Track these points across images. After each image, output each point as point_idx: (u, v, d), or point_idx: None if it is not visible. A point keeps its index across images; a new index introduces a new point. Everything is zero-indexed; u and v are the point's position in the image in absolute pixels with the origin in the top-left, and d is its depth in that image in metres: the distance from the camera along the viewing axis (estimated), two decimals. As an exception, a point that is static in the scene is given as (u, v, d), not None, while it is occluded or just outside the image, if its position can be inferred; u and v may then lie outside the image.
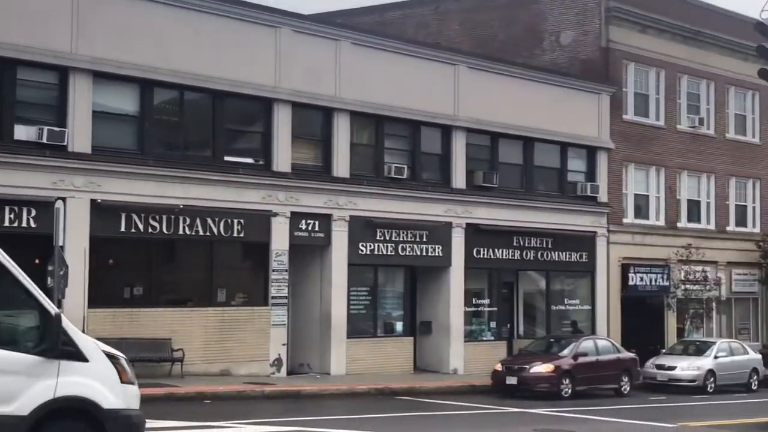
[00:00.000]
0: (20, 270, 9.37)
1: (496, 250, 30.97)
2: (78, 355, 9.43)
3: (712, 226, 38.01)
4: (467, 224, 30.00)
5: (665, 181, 36.28)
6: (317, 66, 26.56)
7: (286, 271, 25.73)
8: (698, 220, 37.70)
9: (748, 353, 31.62)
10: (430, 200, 29.20)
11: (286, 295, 25.82)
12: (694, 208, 37.69)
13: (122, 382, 9.78)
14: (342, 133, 27.16)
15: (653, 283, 34.71)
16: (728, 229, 38.67)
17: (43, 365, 9.17)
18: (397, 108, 28.35)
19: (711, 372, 29.61)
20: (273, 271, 25.46)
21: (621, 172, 34.85)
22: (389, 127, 28.64)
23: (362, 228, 27.47)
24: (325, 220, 26.83)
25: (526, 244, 31.77)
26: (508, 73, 31.85)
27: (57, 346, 9.20)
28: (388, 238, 28.20)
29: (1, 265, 9.26)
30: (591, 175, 33.93)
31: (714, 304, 35.42)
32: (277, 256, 25.52)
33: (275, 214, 25.54)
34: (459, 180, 29.97)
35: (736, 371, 30.68)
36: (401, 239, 28.50)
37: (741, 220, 39.46)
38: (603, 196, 33.88)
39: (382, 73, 28.19)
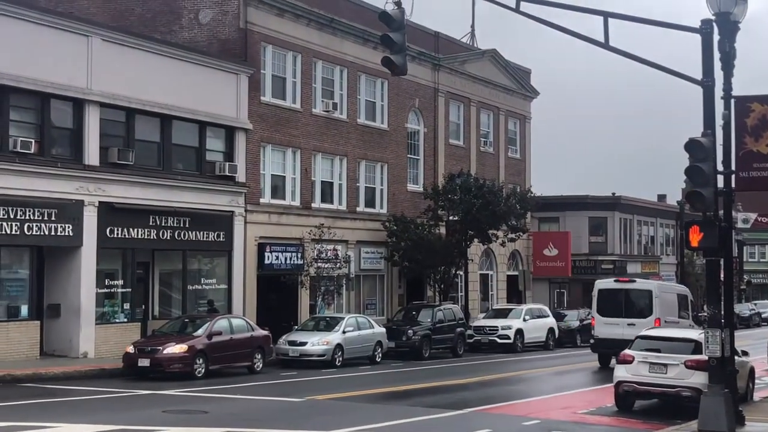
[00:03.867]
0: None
1: (131, 229, 30.20)
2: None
3: (343, 207, 39.74)
4: (100, 202, 28.98)
5: (301, 163, 37.35)
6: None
7: None
8: (331, 201, 39.24)
9: (373, 327, 33.41)
10: (60, 177, 27.86)
11: None
12: (327, 189, 39.18)
13: None
14: (-40, 103, 25.11)
15: (288, 261, 35.67)
16: (358, 209, 40.64)
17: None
18: (24, 78, 26.74)
19: (339, 346, 30.93)
20: None
21: (259, 152, 35.38)
22: (15, 99, 26.95)
23: (-17, 205, 25.60)
24: (-60, 196, 24.68)
25: (163, 224, 31.29)
26: (146, 48, 31.11)
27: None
28: (12, 216, 26.51)
29: (687, 296, 33.47)
30: (229, 155, 34.12)
31: (344, 281, 37.10)
32: None
33: None
34: (92, 156, 28.85)
35: (362, 345, 32.29)
36: (27, 217, 26.92)
37: (370, 202, 41.64)
38: (241, 176, 34.19)
39: (7, 42, 26.39)
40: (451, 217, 42.16)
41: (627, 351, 21.15)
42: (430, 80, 45.69)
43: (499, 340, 40.15)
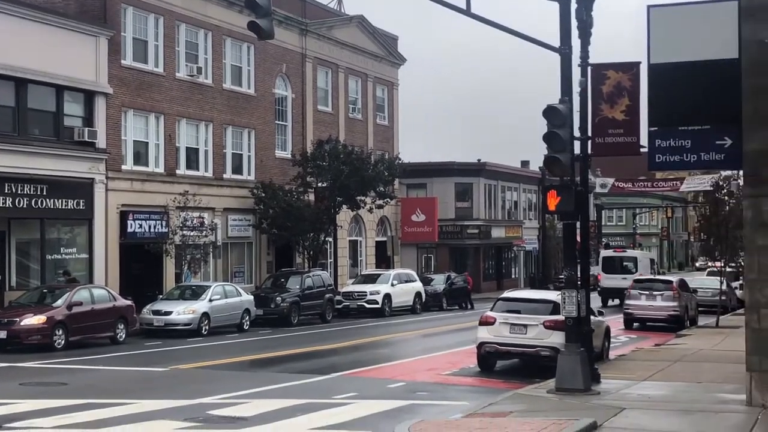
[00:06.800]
0: None
1: (-15, 197, 29.00)
2: None
3: (209, 174, 39.11)
4: (-49, 170, 27.70)
5: (164, 129, 36.53)
6: None
7: None
8: (197, 168, 38.56)
9: (241, 295, 33.13)
10: None
11: None
12: (192, 155, 38.47)
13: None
14: None
15: (152, 229, 34.97)
16: (225, 176, 40.08)
17: None
18: None
19: (206, 315, 30.54)
20: None
21: (120, 118, 34.43)
22: None
23: None
24: None
25: (19, 191, 30.16)
26: (-2, 8, 29.77)
27: None
28: None
29: (653, 259, 54.79)
30: (89, 120, 33.09)
31: (211, 249, 36.60)
32: None
33: None
34: (-60, 122, 27.52)
35: (229, 313, 31.97)
36: None
37: (237, 168, 41.11)
38: (101, 142, 33.22)
39: None
40: (319, 184, 42.10)
41: (489, 313, 21.57)
42: (298, 45, 45.31)
43: (367, 305, 40.46)
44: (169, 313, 30.07)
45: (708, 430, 13.47)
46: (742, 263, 24.46)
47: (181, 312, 30.10)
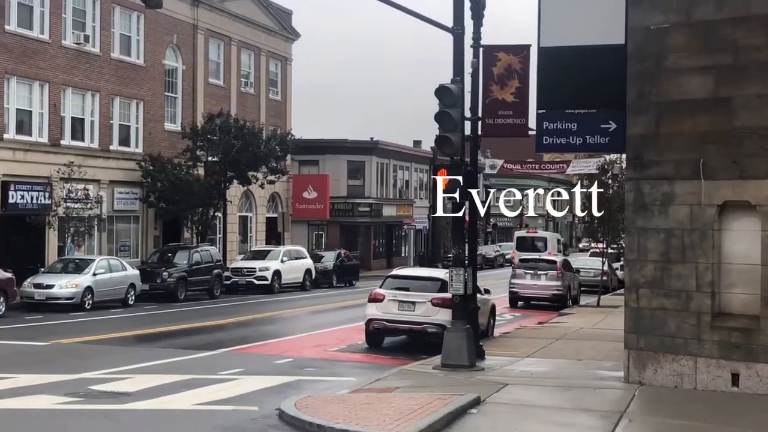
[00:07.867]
0: None
1: None
2: None
3: (95, 145, 38.15)
4: None
5: (49, 97, 35.44)
6: None
7: None
8: (82, 139, 37.57)
9: (126, 269, 32.50)
10: None
11: None
12: (78, 125, 37.44)
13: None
14: None
15: (35, 201, 33.97)
16: (112, 148, 39.14)
17: None
18: None
19: (89, 289, 29.89)
20: None
21: (2, 85, 33.25)
22: None
23: None
24: None
25: None
26: None
27: None
28: None
29: (560, 239, 56.26)
30: (-31, 86, 31.88)
31: (95, 222, 35.74)
32: None
33: None
34: None
35: (114, 287, 31.35)
36: None
37: (124, 140, 40.20)
38: (-18, 110, 32.07)
39: None
40: (210, 158, 41.52)
41: (378, 290, 21.70)
42: (189, 16, 44.47)
43: (256, 282, 40.21)
44: (51, 286, 29.31)
45: (587, 405, 13.85)
46: (624, 245, 25.18)
47: (64, 286, 29.38)
